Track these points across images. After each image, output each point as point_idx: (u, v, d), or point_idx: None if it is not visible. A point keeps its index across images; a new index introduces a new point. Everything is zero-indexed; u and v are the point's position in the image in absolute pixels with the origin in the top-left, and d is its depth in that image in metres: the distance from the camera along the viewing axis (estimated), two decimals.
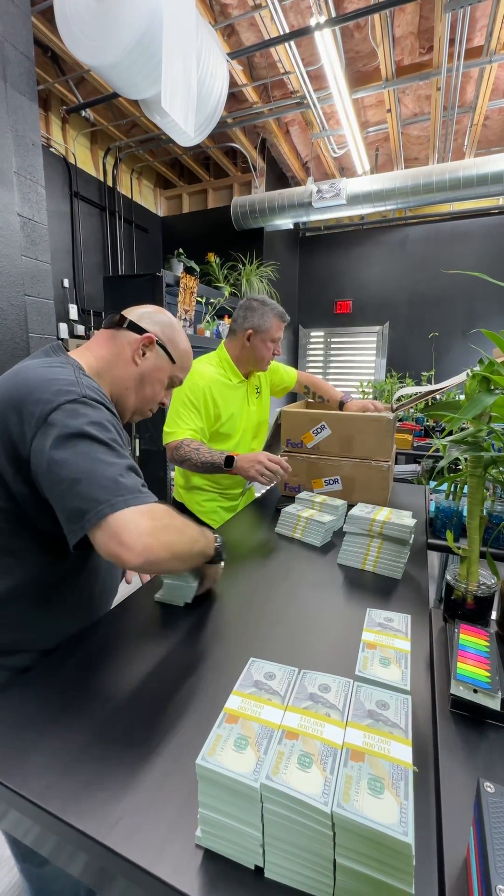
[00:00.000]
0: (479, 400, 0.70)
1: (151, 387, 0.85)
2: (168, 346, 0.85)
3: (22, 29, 1.81)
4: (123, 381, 0.82)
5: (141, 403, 0.85)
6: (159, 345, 0.84)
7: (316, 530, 1.18)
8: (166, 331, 0.85)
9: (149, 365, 0.83)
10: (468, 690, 0.58)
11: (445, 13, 2.54)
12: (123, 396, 0.83)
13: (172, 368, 0.87)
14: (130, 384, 0.82)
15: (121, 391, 0.82)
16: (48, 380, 0.66)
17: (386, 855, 0.35)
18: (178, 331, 0.87)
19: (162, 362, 0.85)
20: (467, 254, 4.79)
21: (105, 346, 0.82)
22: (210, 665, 0.68)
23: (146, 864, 0.41)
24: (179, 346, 0.87)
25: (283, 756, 0.40)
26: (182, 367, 0.88)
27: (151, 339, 0.82)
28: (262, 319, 1.44)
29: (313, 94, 3.31)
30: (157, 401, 0.88)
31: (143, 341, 0.82)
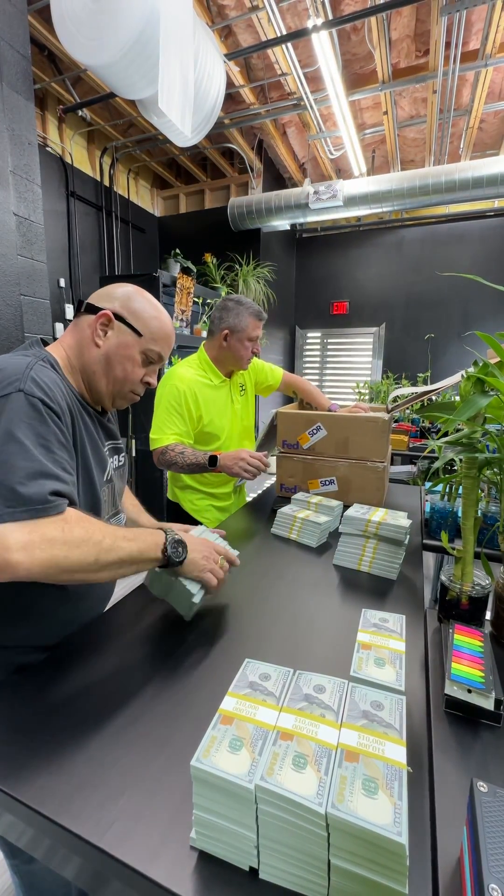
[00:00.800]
0: (473, 401, 0.70)
1: (121, 366, 0.79)
2: (129, 319, 0.79)
3: (18, 28, 1.80)
4: (90, 365, 0.78)
5: (116, 386, 0.81)
6: (119, 320, 0.78)
7: (311, 531, 1.18)
8: (126, 303, 0.79)
9: (112, 344, 0.78)
10: (462, 690, 0.59)
11: (441, 17, 2.56)
12: (94, 382, 0.80)
13: (141, 342, 0.80)
14: (97, 367, 0.78)
15: (90, 377, 0.79)
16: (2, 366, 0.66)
17: (380, 855, 0.35)
18: (140, 301, 0.81)
19: (126, 338, 0.79)
20: (463, 256, 4.82)
21: (71, 334, 0.80)
22: (206, 666, 0.68)
23: (140, 867, 0.41)
24: (143, 317, 0.80)
25: (278, 757, 0.40)
26: (153, 339, 0.81)
27: (107, 315, 0.77)
28: (237, 319, 1.44)
29: (310, 95, 3.32)
30: (134, 380, 0.82)
31: (99, 320, 0.77)
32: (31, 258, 1.91)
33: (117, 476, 0.90)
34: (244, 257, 4.32)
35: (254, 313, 1.46)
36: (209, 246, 4.42)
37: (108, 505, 0.85)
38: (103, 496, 0.82)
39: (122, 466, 0.93)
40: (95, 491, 0.79)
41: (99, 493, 0.80)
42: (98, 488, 0.80)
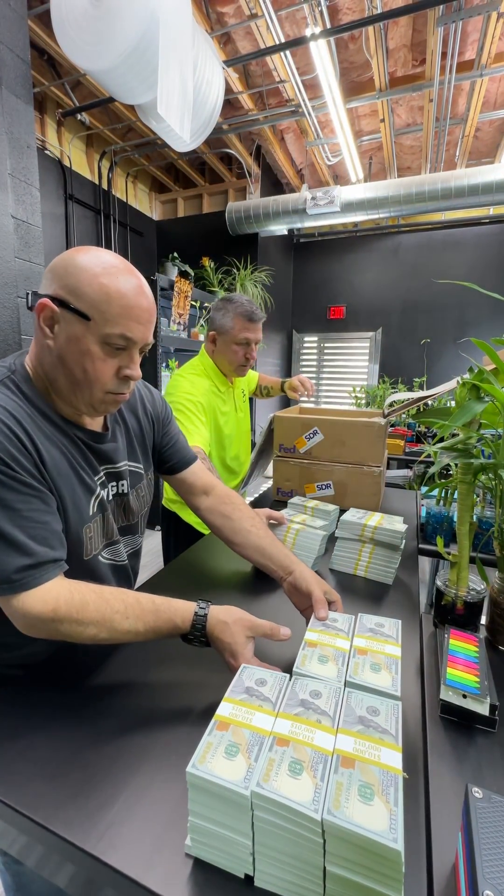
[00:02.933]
0: (468, 407, 0.71)
1: (79, 364, 0.62)
2: (72, 301, 0.59)
3: (18, 32, 1.81)
4: (52, 370, 0.64)
5: (81, 390, 0.64)
6: (62, 306, 0.60)
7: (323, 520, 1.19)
8: (65, 280, 0.60)
9: (62, 340, 0.61)
10: (457, 695, 0.59)
11: (438, 27, 2.60)
12: (60, 389, 0.65)
13: (92, 328, 0.60)
14: (57, 373, 0.63)
15: (55, 385, 0.65)
16: None
17: (376, 862, 0.35)
18: (81, 269, 0.60)
19: (74, 328, 0.60)
20: (459, 262, 4.87)
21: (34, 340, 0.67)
22: (202, 671, 0.68)
23: (134, 875, 0.40)
24: (87, 293, 0.59)
25: (274, 763, 0.40)
26: (106, 319, 0.60)
27: (44, 306, 0.60)
28: (223, 320, 1.31)
29: (308, 102, 3.35)
30: (103, 379, 0.63)
31: (40, 314, 0.61)
32: (29, 261, 1.91)
33: (116, 504, 0.78)
34: (242, 261, 4.34)
35: (242, 313, 1.30)
36: (207, 250, 4.44)
37: (94, 541, 0.74)
38: (87, 534, 0.71)
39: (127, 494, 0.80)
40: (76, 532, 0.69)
41: (80, 533, 0.70)
42: (79, 528, 0.69)
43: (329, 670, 0.55)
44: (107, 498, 0.75)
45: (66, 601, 0.58)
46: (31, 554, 0.57)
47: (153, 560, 2.90)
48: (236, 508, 0.89)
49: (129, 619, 0.60)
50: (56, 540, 0.62)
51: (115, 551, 0.80)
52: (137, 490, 0.83)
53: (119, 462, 0.77)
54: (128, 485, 0.80)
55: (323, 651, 0.59)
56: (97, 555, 0.76)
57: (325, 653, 0.59)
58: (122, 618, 0.60)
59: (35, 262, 1.93)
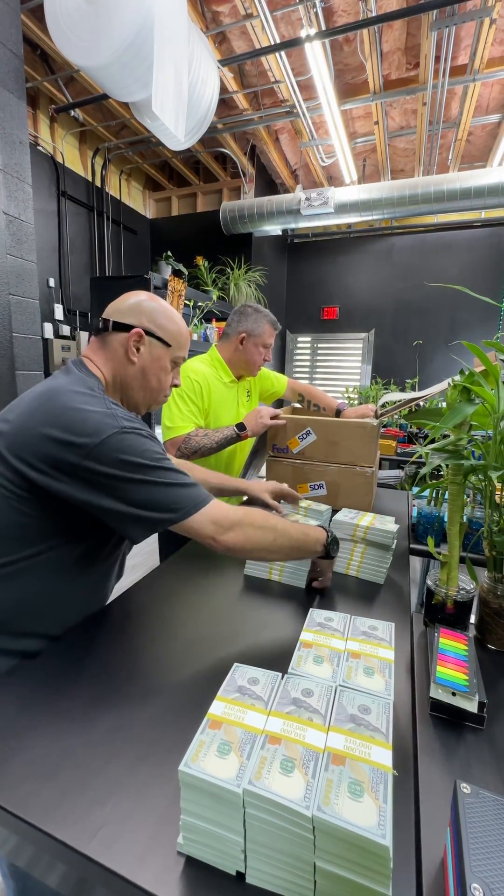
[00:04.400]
0: (459, 409, 0.72)
1: (156, 377, 0.84)
2: (158, 333, 0.83)
3: (11, 26, 1.79)
4: (127, 382, 0.83)
5: (150, 396, 0.86)
6: (149, 335, 0.82)
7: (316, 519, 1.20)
8: (153, 317, 0.83)
9: (146, 358, 0.82)
10: (447, 693, 0.60)
11: (432, 31, 2.62)
12: (131, 395, 0.84)
13: (170, 352, 0.85)
14: (135, 383, 0.83)
15: (127, 391, 0.84)
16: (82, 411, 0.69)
17: (364, 857, 0.35)
18: (164, 311, 0.85)
19: (158, 351, 0.83)
20: (451, 264, 4.91)
21: (101, 354, 0.82)
22: (194, 670, 0.68)
23: (126, 873, 0.40)
24: (170, 328, 0.84)
25: (266, 761, 0.40)
26: (179, 346, 0.86)
27: (139, 334, 0.81)
28: (255, 324, 1.49)
29: (303, 103, 3.36)
30: (166, 387, 0.87)
31: (132, 338, 0.81)
32: (21, 257, 1.89)
33: None
34: (236, 261, 4.33)
35: (271, 321, 1.52)
36: (201, 249, 4.43)
37: None
38: None
39: None
40: None
41: None
42: None
43: (324, 671, 0.56)
44: None
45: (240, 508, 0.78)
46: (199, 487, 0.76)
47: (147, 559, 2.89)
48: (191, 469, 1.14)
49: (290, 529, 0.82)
50: None
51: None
52: None
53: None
54: None
55: (318, 652, 0.60)
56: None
57: (320, 653, 0.59)
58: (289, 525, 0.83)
59: (27, 259, 1.92)
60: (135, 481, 0.68)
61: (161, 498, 0.70)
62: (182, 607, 0.87)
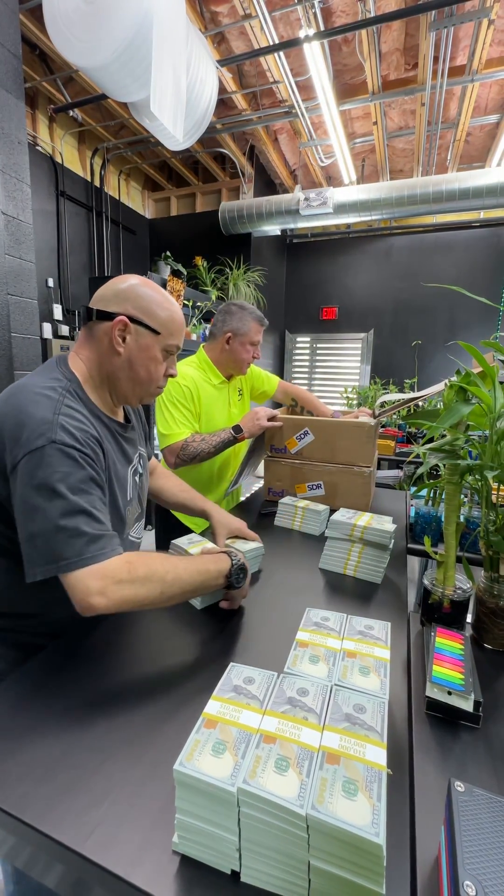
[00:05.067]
0: (455, 409, 0.72)
1: (144, 368, 0.79)
2: (145, 319, 0.77)
3: (9, 26, 1.79)
4: (114, 373, 0.78)
5: (141, 387, 0.81)
6: (135, 322, 0.76)
7: (314, 520, 1.26)
8: (139, 303, 0.77)
9: (132, 348, 0.77)
10: (443, 692, 0.60)
11: (430, 32, 2.62)
12: (119, 388, 0.80)
13: (160, 339, 0.79)
14: (122, 374, 0.78)
15: (115, 384, 0.80)
16: (27, 414, 0.66)
17: (357, 856, 0.35)
18: (151, 296, 0.78)
19: (145, 339, 0.78)
20: (449, 265, 4.92)
21: (86, 344, 0.79)
22: (190, 670, 0.68)
23: (122, 873, 0.40)
24: (158, 314, 0.78)
25: (261, 760, 0.40)
26: (170, 333, 0.80)
27: (123, 322, 0.75)
28: (241, 323, 1.47)
29: (301, 104, 3.36)
30: (158, 377, 0.82)
31: (116, 327, 0.75)
32: (20, 257, 1.89)
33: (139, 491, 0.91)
34: (235, 261, 4.33)
35: (256, 318, 1.49)
36: (200, 249, 4.43)
37: (130, 520, 0.87)
38: (129, 514, 0.85)
39: (143, 475, 0.94)
40: (121, 515, 0.82)
41: (124, 515, 0.83)
42: (123, 511, 0.82)
43: (319, 670, 0.56)
44: (137, 481, 0.89)
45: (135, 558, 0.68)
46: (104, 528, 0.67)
47: None
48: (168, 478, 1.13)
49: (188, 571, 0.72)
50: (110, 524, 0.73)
51: (138, 528, 0.93)
52: (145, 470, 0.96)
53: (139, 448, 0.92)
54: (142, 466, 0.93)
55: (314, 651, 0.60)
56: (129, 533, 0.87)
57: (316, 653, 0.59)
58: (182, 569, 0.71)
59: (26, 259, 1.92)
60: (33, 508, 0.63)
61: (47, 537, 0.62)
62: (178, 606, 0.87)
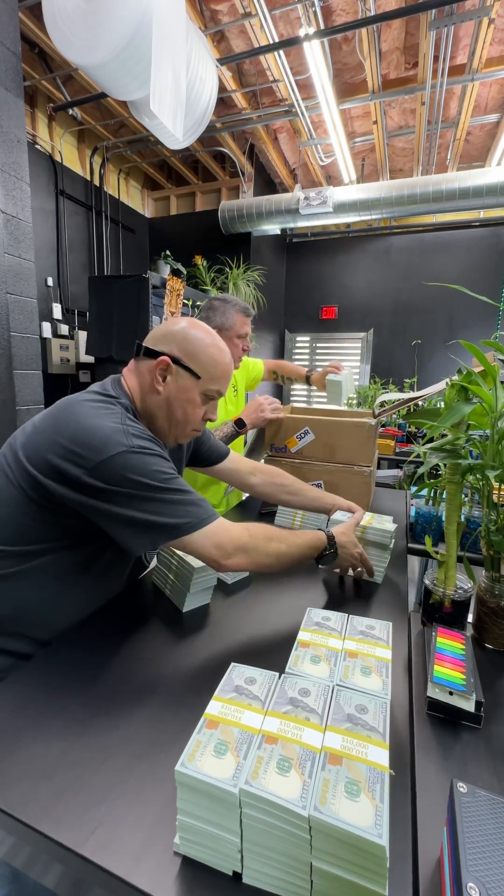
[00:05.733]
0: (457, 409, 0.72)
1: (182, 409, 0.80)
2: (186, 362, 0.78)
3: (8, 24, 1.78)
4: (152, 411, 0.80)
5: (178, 428, 0.82)
6: (177, 363, 0.78)
7: (314, 519, 1.24)
8: (184, 346, 0.79)
9: (172, 388, 0.79)
10: (444, 693, 0.60)
11: (430, 31, 2.62)
12: (156, 424, 0.81)
13: (200, 384, 0.80)
14: (160, 413, 0.80)
15: (152, 420, 0.81)
16: (96, 426, 0.68)
17: (360, 857, 0.35)
18: (199, 340, 0.79)
19: (186, 381, 0.79)
20: (449, 264, 4.91)
21: (133, 378, 0.81)
22: (191, 670, 0.68)
23: (123, 874, 0.40)
24: (201, 358, 0.79)
25: (263, 761, 0.40)
26: (212, 378, 0.80)
27: (165, 362, 0.77)
28: (224, 317, 1.44)
29: (301, 102, 3.35)
30: (195, 420, 0.83)
31: (158, 366, 0.77)
32: (19, 256, 1.89)
33: None
34: (234, 260, 4.33)
35: (241, 310, 1.46)
36: (199, 248, 4.42)
37: None
38: None
39: None
40: None
41: None
42: None
43: (321, 670, 0.56)
44: None
45: (245, 525, 0.78)
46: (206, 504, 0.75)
47: None
48: (284, 478, 1.16)
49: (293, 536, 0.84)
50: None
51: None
52: None
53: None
54: None
55: (315, 651, 0.60)
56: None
57: (318, 653, 0.59)
58: (288, 534, 0.83)
59: (25, 258, 1.91)
60: (137, 497, 0.67)
61: (163, 513, 0.69)
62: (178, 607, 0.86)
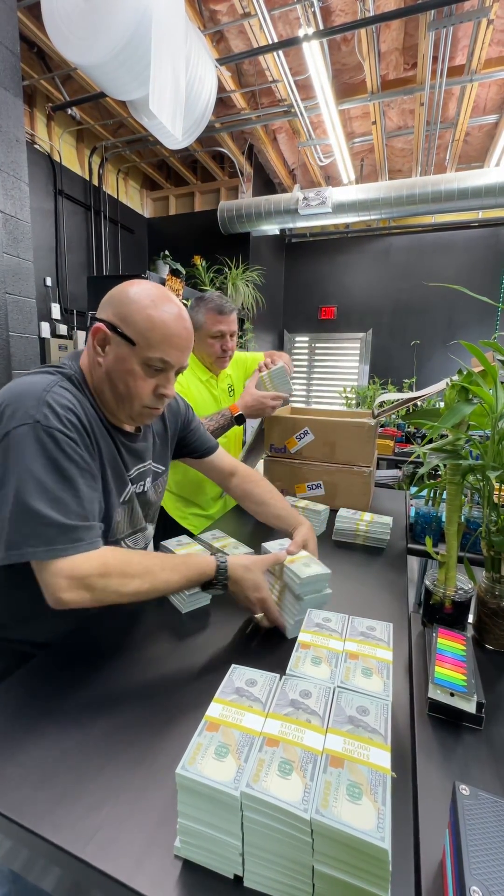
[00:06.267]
0: (457, 409, 0.71)
1: (123, 382, 0.71)
2: (122, 327, 0.69)
3: (7, 24, 1.78)
4: (99, 384, 0.74)
5: (124, 404, 0.74)
6: (113, 331, 0.70)
7: (313, 519, 1.24)
8: (119, 309, 0.70)
9: (110, 359, 0.71)
10: (445, 694, 0.59)
11: (429, 32, 2.62)
12: (106, 402, 0.75)
13: (137, 352, 0.70)
14: (104, 387, 0.74)
15: (101, 397, 0.75)
16: (17, 394, 0.65)
17: (363, 860, 0.35)
18: (134, 301, 0.70)
19: (121, 350, 0.70)
20: (448, 265, 4.92)
21: (85, 350, 0.77)
22: (192, 672, 0.68)
23: (123, 878, 0.40)
24: (136, 321, 0.69)
25: (264, 763, 0.40)
26: (150, 344, 0.70)
27: (99, 329, 0.70)
28: (196, 316, 1.38)
29: (300, 103, 3.35)
30: (142, 395, 0.73)
31: (95, 335, 0.71)
32: (17, 256, 1.88)
33: (142, 498, 0.88)
34: (233, 260, 4.33)
35: (212, 308, 1.38)
36: (198, 248, 4.42)
37: (122, 525, 0.83)
38: (116, 517, 0.80)
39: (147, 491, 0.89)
40: (110, 511, 0.78)
41: (112, 513, 0.78)
42: (112, 509, 0.78)
43: (322, 672, 0.56)
44: (135, 492, 0.85)
45: (112, 556, 0.65)
46: (83, 518, 0.64)
47: None
48: (257, 485, 1.07)
49: (165, 570, 0.68)
50: (98, 513, 0.71)
51: (136, 539, 0.89)
52: (156, 486, 0.93)
53: (146, 461, 0.88)
54: (150, 482, 0.90)
55: (316, 653, 0.59)
56: (121, 539, 0.84)
57: (319, 654, 0.59)
58: (159, 569, 0.68)
59: (23, 257, 1.91)
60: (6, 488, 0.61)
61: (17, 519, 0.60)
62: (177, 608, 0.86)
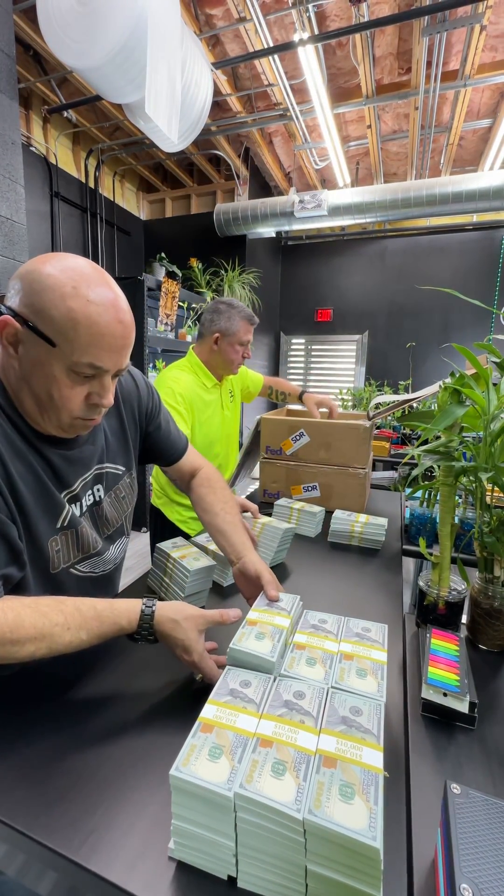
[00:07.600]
0: (450, 411, 0.72)
1: (44, 391, 0.57)
2: (35, 323, 0.54)
3: (3, 26, 1.78)
4: (17, 388, 0.59)
5: (48, 414, 0.59)
6: (25, 325, 0.54)
7: (309, 521, 1.25)
8: (31, 299, 0.54)
9: (26, 361, 0.56)
10: (438, 694, 0.60)
11: (423, 37, 2.64)
12: (26, 408, 0.60)
13: (57, 355, 0.55)
14: (22, 392, 0.59)
15: (22, 403, 0.60)
16: None
17: (355, 860, 0.35)
18: (49, 288, 0.53)
19: (38, 351, 0.55)
20: (443, 267, 4.95)
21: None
22: (187, 674, 0.68)
23: (117, 880, 0.40)
24: (53, 318, 0.53)
25: (258, 764, 0.40)
26: (73, 348, 0.54)
27: (6, 323, 0.55)
28: (229, 322, 1.43)
29: (296, 106, 3.37)
30: (69, 405, 0.59)
31: (3, 331, 0.56)
32: (13, 258, 1.88)
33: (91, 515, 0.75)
34: (230, 263, 4.34)
35: (245, 317, 1.45)
36: (195, 251, 4.43)
37: (65, 553, 0.70)
38: (53, 547, 0.67)
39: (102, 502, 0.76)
40: (39, 544, 0.65)
41: (45, 546, 0.66)
42: (41, 540, 0.65)
43: (316, 672, 0.56)
44: (80, 512, 0.71)
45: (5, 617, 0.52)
46: None
47: (140, 562, 2.88)
48: (212, 490, 0.91)
49: (70, 630, 0.56)
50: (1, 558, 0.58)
51: (94, 563, 0.76)
52: (116, 492, 0.79)
53: (91, 468, 0.73)
54: (103, 489, 0.76)
55: (311, 653, 0.60)
56: (68, 568, 0.71)
57: (314, 655, 0.59)
58: (62, 630, 0.55)
59: (19, 259, 1.91)
60: None
61: None
62: None
